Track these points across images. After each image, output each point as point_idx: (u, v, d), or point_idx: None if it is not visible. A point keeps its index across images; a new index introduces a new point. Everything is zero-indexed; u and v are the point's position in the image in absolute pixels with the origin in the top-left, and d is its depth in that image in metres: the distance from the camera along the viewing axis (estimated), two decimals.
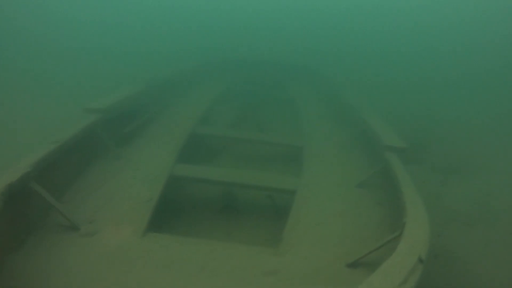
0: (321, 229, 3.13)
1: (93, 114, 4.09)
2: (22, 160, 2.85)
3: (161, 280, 2.42)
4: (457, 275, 3.33)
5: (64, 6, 14.65)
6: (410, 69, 11.54)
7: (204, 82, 7.62)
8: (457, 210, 4.33)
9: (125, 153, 4.13)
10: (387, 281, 1.86)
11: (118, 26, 14.16)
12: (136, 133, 4.66)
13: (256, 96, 7.58)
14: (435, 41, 14.34)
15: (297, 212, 3.34)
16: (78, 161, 3.63)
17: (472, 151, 6.06)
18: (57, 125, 5.20)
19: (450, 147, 6.16)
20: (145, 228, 2.90)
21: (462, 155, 5.88)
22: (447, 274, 3.33)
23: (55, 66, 9.45)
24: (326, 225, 3.19)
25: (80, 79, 8.55)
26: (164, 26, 14.80)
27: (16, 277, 2.33)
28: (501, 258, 3.53)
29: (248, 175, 3.95)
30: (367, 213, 3.41)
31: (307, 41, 14.02)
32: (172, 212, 3.66)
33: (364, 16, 17.19)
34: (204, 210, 3.84)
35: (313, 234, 3.04)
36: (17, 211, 2.66)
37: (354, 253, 2.78)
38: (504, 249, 3.68)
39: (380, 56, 12.91)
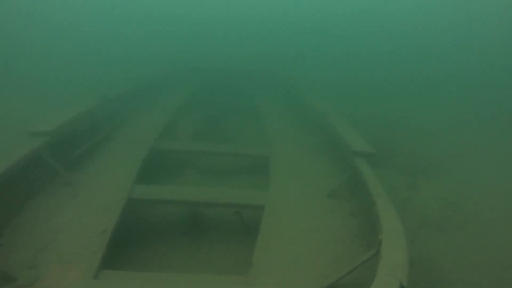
0: (293, 248, 2.93)
1: (39, 138, 3.70)
2: None
3: None
4: (434, 283, 3.24)
5: (62, 14, 15.71)
6: (386, 74, 11.82)
7: (164, 93, 7.29)
8: (428, 215, 4.29)
9: (77, 179, 3.75)
10: None
11: (109, 32, 15.04)
12: (89, 155, 4.29)
13: (220, 105, 7.35)
14: (412, 46, 14.86)
15: (267, 230, 3.13)
16: (17, 194, 3.21)
17: (439, 153, 6.14)
18: None
19: (417, 150, 6.20)
20: (98, 266, 2.56)
21: (429, 158, 5.92)
22: (425, 283, 3.23)
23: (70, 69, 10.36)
24: (298, 243, 3.00)
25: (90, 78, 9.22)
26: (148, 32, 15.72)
27: None
28: (474, 263, 3.50)
29: (213, 192, 3.70)
30: (340, 226, 3.26)
31: (280, 47, 14.26)
32: (131, 242, 3.33)
33: (344, 21, 17.62)
34: (168, 235, 3.53)
35: (284, 256, 2.84)
36: None
37: (329, 273, 2.61)
38: (476, 253, 3.65)
39: (357, 61, 13.20)
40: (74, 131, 4.28)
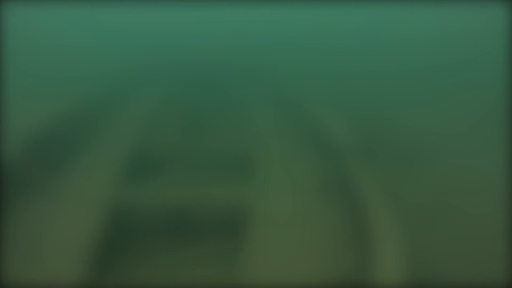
0: (283, 248, 2.84)
1: (12, 140, 3.52)
2: None
3: None
4: (427, 276, 3.22)
5: None
6: (374, 68, 11.81)
7: (144, 86, 7.11)
8: (418, 208, 4.28)
9: (52, 185, 3.57)
10: None
11: None
12: (68, 158, 4.11)
13: (200, 100, 7.21)
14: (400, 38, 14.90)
15: (255, 231, 3.04)
16: None
17: (427, 146, 6.15)
18: None
19: (406, 143, 6.20)
20: (80, 278, 2.42)
21: (418, 151, 5.90)
22: (417, 277, 3.20)
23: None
24: (287, 242, 2.91)
25: None
26: None
27: None
28: (467, 257, 3.48)
29: (197, 192, 3.59)
30: (331, 224, 3.20)
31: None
32: (116, 250, 3.18)
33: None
34: (152, 240, 3.39)
35: (274, 256, 2.75)
36: None
37: (322, 273, 2.53)
38: (468, 246, 3.63)
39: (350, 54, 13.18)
40: (53, 132, 4.10)
